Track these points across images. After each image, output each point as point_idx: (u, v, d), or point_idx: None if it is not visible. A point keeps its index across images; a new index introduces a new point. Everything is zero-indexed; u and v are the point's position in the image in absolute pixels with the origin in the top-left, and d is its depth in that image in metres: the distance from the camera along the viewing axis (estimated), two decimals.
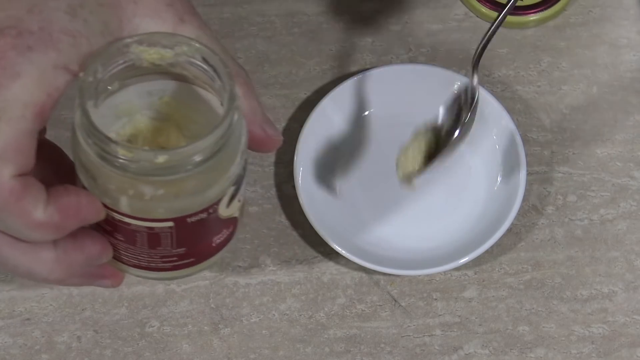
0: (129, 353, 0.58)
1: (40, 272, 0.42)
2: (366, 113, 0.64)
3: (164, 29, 0.41)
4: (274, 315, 0.59)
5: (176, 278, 0.48)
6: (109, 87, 0.42)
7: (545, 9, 0.66)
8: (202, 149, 0.39)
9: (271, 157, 0.63)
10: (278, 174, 0.63)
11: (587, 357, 0.58)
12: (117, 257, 0.45)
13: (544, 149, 0.63)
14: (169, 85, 0.43)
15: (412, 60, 0.66)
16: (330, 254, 0.60)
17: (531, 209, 0.62)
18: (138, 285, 0.60)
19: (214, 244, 0.46)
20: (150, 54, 0.41)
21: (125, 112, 0.44)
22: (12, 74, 0.38)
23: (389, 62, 0.66)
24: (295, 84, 0.65)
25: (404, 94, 0.63)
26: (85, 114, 0.39)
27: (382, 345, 0.58)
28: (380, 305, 0.59)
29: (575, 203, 0.62)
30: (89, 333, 0.59)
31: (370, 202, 0.61)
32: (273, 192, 0.62)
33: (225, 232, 0.46)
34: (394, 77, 0.63)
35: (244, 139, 0.42)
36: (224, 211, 0.44)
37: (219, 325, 0.59)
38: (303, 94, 0.65)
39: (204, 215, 0.42)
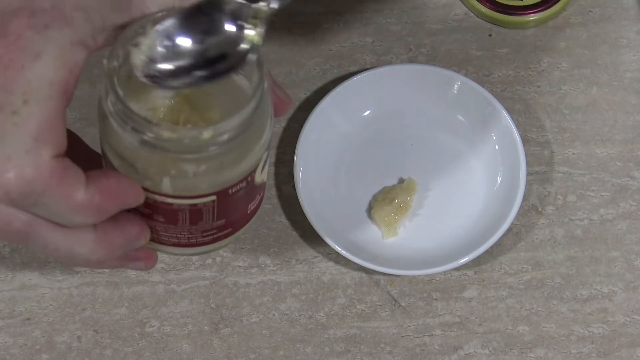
0: (129, 353, 0.58)
1: (81, 253, 0.42)
2: (366, 113, 0.63)
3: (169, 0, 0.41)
4: (274, 315, 0.59)
5: (214, 250, 0.48)
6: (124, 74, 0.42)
7: (545, 9, 0.66)
8: (245, 118, 0.39)
9: (271, 157, 0.63)
10: (278, 174, 0.63)
11: (587, 357, 0.58)
12: (154, 239, 0.45)
13: (544, 149, 0.63)
14: None
15: (412, 60, 0.66)
16: (330, 254, 0.60)
17: (531, 209, 0.62)
18: (138, 285, 0.60)
19: (249, 211, 0.46)
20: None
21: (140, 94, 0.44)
22: (32, 53, 0.38)
23: (389, 62, 0.66)
24: (295, 84, 0.65)
25: (404, 94, 0.63)
26: (120, 100, 0.39)
27: (382, 345, 0.58)
28: (380, 305, 0.59)
29: (575, 203, 0.62)
30: (89, 333, 0.59)
31: (370, 202, 0.61)
32: (273, 192, 0.62)
33: (257, 198, 0.46)
34: (394, 77, 0.63)
35: (271, 102, 0.43)
36: (258, 177, 0.44)
37: (219, 325, 0.59)
38: (303, 94, 0.65)
39: (243, 184, 0.43)
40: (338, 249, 0.58)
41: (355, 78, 0.62)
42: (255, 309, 0.59)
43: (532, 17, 0.66)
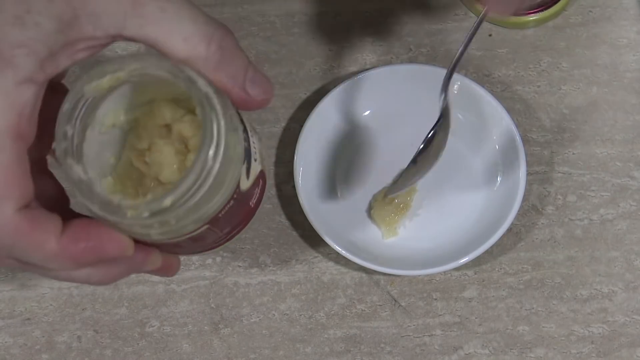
0: (129, 353, 0.58)
1: (80, 277, 0.41)
2: (366, 113, 0.64)
3: (120, 8, 0.39)
4: (274, 315, 0.59)
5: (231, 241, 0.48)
6: (84, 128, 0.41)
7: (545, 9, 0.66)
8: (200, 172, 0.39)
9: (271, 157, 0.63)
10: (278, 174, 0.63)
11: (587, 357, 0.58)
12: (169, 251, 0.45)
13: (544, 149, 0.63)
14: (135, 83, 0.43)
15: (412, 60, 0.66)
16: (330, 254, 0.60)
17: (531, 209, 0.62)
18: (138, 285, 0.60)
19: (252, 205, 0.46)
20: (104, 84, 0.40)
21: (112, 122, 0.43)
22: None
23: (389, 62, 0.66)
24: (295, 84, 0.65)
25: (404, 94, 0.63)
26: (78, 185, 0.38)
27: (382, 345, 0.58)
28: (380, 305, 0.59)
29: (575, 203, 0.62)
30: (89, 333, 0.59)
31: (370, 202, 0.61)
32: (273, 192, 0.62)
33: (257, 191, 0.46)
34: (394, 77, 0.63)
35: (235, 119, 0.42)
36: (245, 184, 0.43)
37: (219, 325, 0.59)
38: (303, 94, 0.65)
39: (231, 202, 0.42)
40: (338, 249, 0.58)
41: (355, 78, 0.62)
42: (255, 309, 0.59)
43: (532, 17, 0.66)
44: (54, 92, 0.41)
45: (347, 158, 0.63)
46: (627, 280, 0.60)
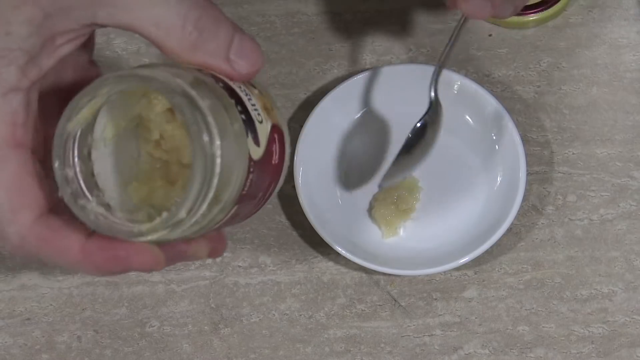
0: (129, 353, 0.58)
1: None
2: (366, 113, 0.64)
3: None
4: (274, 315, 0.59)
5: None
6: (88, 155, 0.40)
7: (545, 9, 0.66)
8: (203, 174, 0.38)
9: None
10: None
11: (587, 357, 0.58)
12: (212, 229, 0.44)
13: (544, 149, 0.63)
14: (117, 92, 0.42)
15: (412, 60, 0.66)
16: (330, 254, 0.60)
17: (531, 209, 0.62)
18: (138, 285, 0.60)
19: (274, 162, 0.44)
20: (85, 114, 0.39)
21: (113, 132, 0.43)
22: None
23: (389, 62, 0.66)
24: (295, 84, 0.65)
25: (404, 94, 0.63)
26: (96, 224, 0.38)
27: (382, 345, 0.58)
28: (380, 305, 0.59)
29: (575, 203, 0.62)
30: (89, 333, 0.59)
31: (370, 201, 0.61)
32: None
33: (275, 147, 0.44)
34: (394, 77, 0.63)
35: (225, 98, 0.40)
36: (258, 151, 0.42)
37: (219, 325, 0.59)
38: (303, 94, 0.65)
39: (251, 176, 0.41)
40: (338, 249, 0.58)
41: (355, 78, 0.62)
42: (255, 309, 0.59)
43: (532, 17, 0.66)
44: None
45: (347, 158, 0.63)
46: (627, 280, 0.60)
